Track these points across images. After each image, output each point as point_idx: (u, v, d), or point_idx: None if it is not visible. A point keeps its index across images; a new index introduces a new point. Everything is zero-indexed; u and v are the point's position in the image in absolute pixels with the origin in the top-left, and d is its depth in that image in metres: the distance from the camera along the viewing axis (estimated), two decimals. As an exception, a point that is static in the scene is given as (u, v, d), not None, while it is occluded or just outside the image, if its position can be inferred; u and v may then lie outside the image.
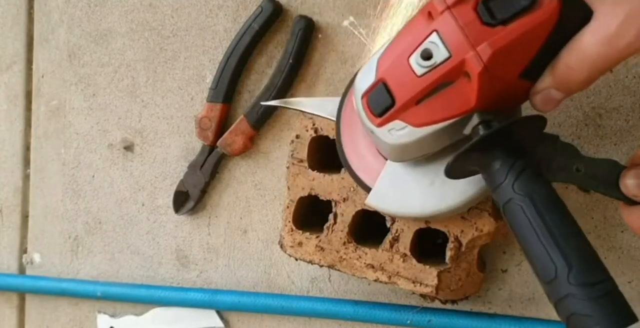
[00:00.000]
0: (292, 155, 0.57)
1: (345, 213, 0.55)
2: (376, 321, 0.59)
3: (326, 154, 0.57)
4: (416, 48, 0.40)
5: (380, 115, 0.43)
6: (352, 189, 0.55)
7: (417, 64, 0.40)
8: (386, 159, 0.50)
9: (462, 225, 0.52)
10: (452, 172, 0.43)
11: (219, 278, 0.68)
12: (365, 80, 0.44)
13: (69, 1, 0.75)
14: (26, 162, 0.78)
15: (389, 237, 0.54)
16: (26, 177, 0.78)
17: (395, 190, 0.49)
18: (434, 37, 0.40)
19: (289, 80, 0.63)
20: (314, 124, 0.56)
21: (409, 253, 0.53)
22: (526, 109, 0.44)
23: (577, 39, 0.38)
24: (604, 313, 0.36)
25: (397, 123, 0.42)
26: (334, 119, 0.52)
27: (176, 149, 0.70)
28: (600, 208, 0.55)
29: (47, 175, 0.76)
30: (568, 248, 0.38)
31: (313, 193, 0.56)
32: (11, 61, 0.78)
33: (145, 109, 0.71)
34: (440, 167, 0.45)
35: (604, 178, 0.43)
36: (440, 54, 0.39)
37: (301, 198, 0.57)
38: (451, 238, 0.52)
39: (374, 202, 0.50)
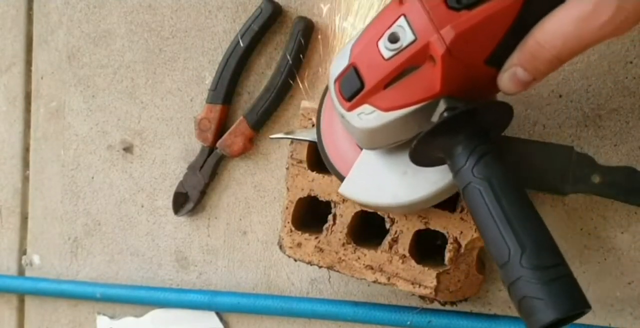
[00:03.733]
0: (291, 156, 0.57)
1: (344, 214, 0.55)
2: (376, 322, 0.59)
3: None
4: (385, 32, 0.41)
5: (350, 99, 0.43)
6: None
7: (385, 48, 0.41)
8: (361, 149, 0.50)
9: (461, 226, 0.52)
10: (417, 157, 0.43)
11: (218, 280, 0.68)
12: (338, 65, 0.44)
13: (68, 2, 0.75)
14: (25, 164, 0.78)
15: (388, 238, 0.54)
16: (25, 179, 0.78)
17: (368, 179, 0.49)
18: (401, 20, 0.40)
19: (289, 81, 0.63)
20: (313, 125, 0.56)
21: (408, 254, 0.53)
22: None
23: (550, 17, 0.37)
24: (555, 297, 0.36)
25: (366, 107, 0.43)
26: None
27: (175, 150, 0.70)
28: (600, 209, 0.54)
29: (46, 176, 0.76)
30: (522, 231, 0.38)
31: (312, 194, 0.56)
32: (10, 62, 0.78)
33: (145, 110, 0.71)
34: None
35: (623, 185, 0.43)
36: (406, 37, 0.40)
37: (300, 199, 0.57)
38: (450, 240, 0.52)
39: (346, 191, 0.50)
